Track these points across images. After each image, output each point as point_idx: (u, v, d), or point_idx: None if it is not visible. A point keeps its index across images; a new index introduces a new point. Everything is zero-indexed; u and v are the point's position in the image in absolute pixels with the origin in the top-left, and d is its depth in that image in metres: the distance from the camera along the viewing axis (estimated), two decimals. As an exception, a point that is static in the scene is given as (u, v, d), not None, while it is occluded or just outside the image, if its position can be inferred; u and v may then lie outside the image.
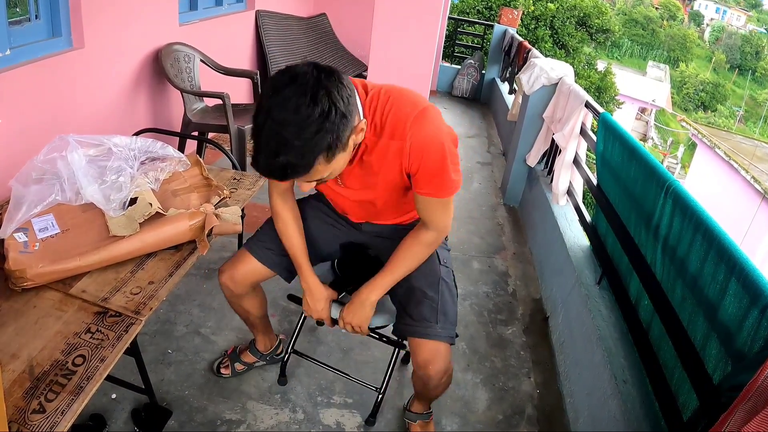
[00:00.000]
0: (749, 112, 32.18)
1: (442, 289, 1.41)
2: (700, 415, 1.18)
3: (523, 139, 3.49)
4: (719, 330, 1.20)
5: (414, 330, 1.37)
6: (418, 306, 1.38)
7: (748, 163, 12.48)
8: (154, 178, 1.62)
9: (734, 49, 37.50)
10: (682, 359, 1.32)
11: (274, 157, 0.95)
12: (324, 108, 0.94)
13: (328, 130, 0.96)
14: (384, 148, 1.17)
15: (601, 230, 2.23)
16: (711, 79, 32.15)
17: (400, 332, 1.43)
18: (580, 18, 12.57)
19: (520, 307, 2.52)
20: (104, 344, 1.23)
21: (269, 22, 4.26)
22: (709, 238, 1.29)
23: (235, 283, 1.52)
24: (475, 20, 8.84)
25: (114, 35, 2.50)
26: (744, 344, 1.09)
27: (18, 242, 1.38)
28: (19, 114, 1.99)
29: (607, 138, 2.17)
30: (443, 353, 1.37)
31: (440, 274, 1.43)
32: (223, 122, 2.80)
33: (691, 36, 37.41)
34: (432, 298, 1.38)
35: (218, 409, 1.72)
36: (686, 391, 1.31)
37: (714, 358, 1.20)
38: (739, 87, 35.14)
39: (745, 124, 29.93)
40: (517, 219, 3.48)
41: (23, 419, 1.04)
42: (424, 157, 1.16)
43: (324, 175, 1.06)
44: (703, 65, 36.27)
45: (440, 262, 1.45)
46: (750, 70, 36.61)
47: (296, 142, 0.94)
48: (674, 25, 38.53)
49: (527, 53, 4.60)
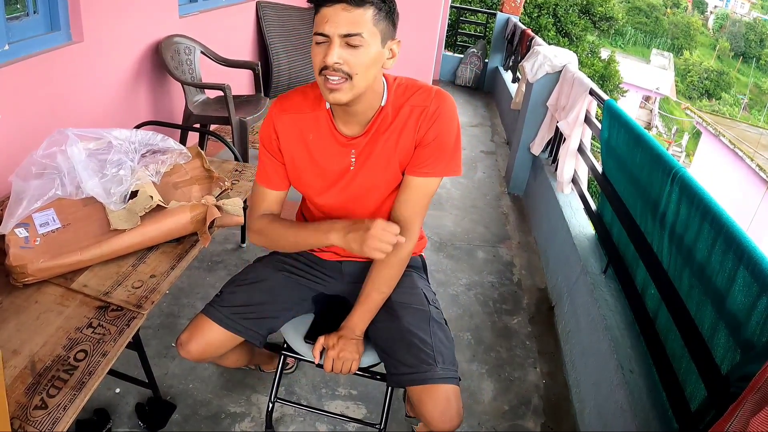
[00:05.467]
0: (754, 100, 31.91)
1: (434, 330, 1.26)
2: (709, 405, 1.17)
3: (527, 128, 3.46)
4: (727, 319, 1.18)
5: (412, 378, 1.19)
6: (410, 350, 1.21)
7: (753, 151, 12.39)
8: (155, 170, 1.61)
9: (738, 36, 37.13)
10: (689, 348, 1.30)
11: None
12: None
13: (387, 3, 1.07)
14: (406, 111, 1.19)
15: (607, 219, 2.21)
16: (715, 67, 31.89)
17: (396, 383, 1.24)
18: (584, 6, 12.48)
19: (526, 296, 2.50)
20: (106, 339, 1.22)
21: (270, 13, 4.22)
22: (717, 226, 1.27)
23: (195, 357, 1.28)
24: (477, 9, 8.77)
25: (113, 29, 2.48)
26: (753, 334, 1.07)
27: (19, 237, 1.38)
28: (19, 109, 1.97)
29: (612, 125, 2.14)
30: (453, 397, 1.19)
31: (431, 314, 1.29)
32: (224, 114, 2.78)
33: (695, 24, 37.06)
34: (424, 341, 1.22)
35: (222, 402, 1.72)
36: (694, 381, 1.29)
37: (722, 347, 1.19)
38: (743, 75, 34.85)
39: (749, 112, 29.69)
40: (521, 208, 3.46)
41: (25, 415, 1.03)
42: (442, 126, 1.18)
43: (361, 31, 1.04)
44: (707, 53, 35.96)
45: (429, 302, 1.33)
46: (754, 57, 36.26)
47: None
48: (678, 12, 38.17)
49: (530, 41, 4.56)
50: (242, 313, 1.29)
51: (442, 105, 1.18)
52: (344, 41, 1.04)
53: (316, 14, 1.05)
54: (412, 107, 1.19)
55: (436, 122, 1.18)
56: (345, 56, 1.04)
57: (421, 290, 1.34)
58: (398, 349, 1.23)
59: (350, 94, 1.09)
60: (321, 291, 1.42)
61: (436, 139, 1.18)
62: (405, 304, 1.27)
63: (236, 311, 1.28)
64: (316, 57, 1.07)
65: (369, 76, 1.09)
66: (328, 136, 1.22)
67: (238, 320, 1.28)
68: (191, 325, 1.29)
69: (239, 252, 2.46)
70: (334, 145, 1.22)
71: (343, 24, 1.02)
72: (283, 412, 1.71)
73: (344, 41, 1.04)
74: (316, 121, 1.22)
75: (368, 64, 1.07)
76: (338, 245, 1.17)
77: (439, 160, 1.20)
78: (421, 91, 1.20)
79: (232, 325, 1.27)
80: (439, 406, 1.17)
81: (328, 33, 1.03)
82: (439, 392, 1.17)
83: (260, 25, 4.16)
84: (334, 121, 1.21)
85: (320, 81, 1.09)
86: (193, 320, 1.30)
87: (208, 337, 1.26)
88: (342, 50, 1.04)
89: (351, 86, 1.07)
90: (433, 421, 1.18)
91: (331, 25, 1.03)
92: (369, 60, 1.07)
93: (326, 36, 1.04)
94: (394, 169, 1.23)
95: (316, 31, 1.06)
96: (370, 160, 1.22)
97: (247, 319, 1.28)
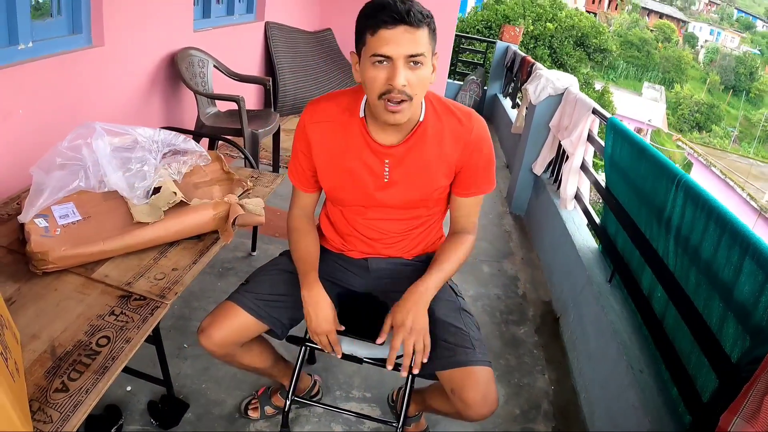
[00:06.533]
0: (744, 133, 32.50)
1: (465, 318, 1.30)
2: (720, 393, 1.20)
3: (530, 148, 3.53)
4: (736, 309, 1.22)
5: (456, 360, 1.19)
6: (448, 335, 1.24)
7: (744, 180, 12.58)
8: (177, 170, 1.65)
9: (728, 70, 38.03)
10: (699, 342, 1.34)
11: (403, 2, 1.04)
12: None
13: (431, 17, 1.08)
14: (443, 129, 1.23)
15: (611, 230, 2.26)
16: (706, 100, 32.55)
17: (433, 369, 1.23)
18: (579, 38, 12.79)
19: (531, 308, 2.53)
20: (129, 326, 1.21)
21: (277, 34, 4.33)
22: (722, 224, 1.32)
23: (217, 343, 1.28)
24: (478, 37, 8.98)
25: (132, 36, 2.55)
26: (762, 319, 1.12)
27: (39, 227, 1.37)
28: (38, 106, 2.02)
29: (616, 141, 2.22)
30: (491, 381, 1.21)
31: (460, 304, 1.34)
32: (235, 126, 2.84)
33: (686, 57, 37.95)
34: (459, 328, 1.26)
35: (237, 402, 1.72)
36: (704, 374, 1.33)
37: (732, 337, 1.23)
38: (733, 108, 35.56)
39: (739, 145, 30.20)
40: (523, 226, 3.51)
41: (45, 398, 1.02)
42: (483, 152, 1.26)
43: (423, 51, 1.06)
44: (698, 86, 36.73)
45: (456, 294, 1.38)
46: (744, 91, 37.08)
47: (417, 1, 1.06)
48: (669, 46, 39.11)
49: (531, 67, 4.68)
50: (267, 300, 1.30)
51: (481, 129, 1.25)
52: (408, 62, 1.05)
53: (371, 36, 1.05)
54: (452, 130, 1.23)
55: (478, 146, 1.24)
56: (409, 77, 1.06)
57: (447, 283, 1.37)
58: (437, 335, 1.24)
59: (408, 114, 1.12)
60: (346, 287, 1.43)
61: (481, 163, 1.26)
62: (436, 296, 1.27)
63: (262, 298, 1.30)
64: (377, 80, 1.07)
65: (423, 94, 1.15)
66: (361, 145, 1.24)
67: (263, 307, 1.29)
68: (215, 311, 1.30)
69: (250, 259, 2.49)
70: (369, 153, 1.24)
71: (406, 45, 1.03)
72: (298, 413, 1.71)
73: (408, 62, 1.05)
74: (349, 129, 1.24)
75: (426, 83, 1.11)
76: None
77: (485, 181, 1.29)
78: (461, 113, 1.25)
79: (256, 310, 1.28)
80: (481, 390, 1.17)
81: (391, 55, 1.04)
82: (480, 375, 1.18)
83: (268, 44, 4.26)
84: (368, 129, 1.23)
85: (379, 105, 1.10)
86: (216, 307, 1.31)
87: (232, 322, 1.27)
88: (406, 71, 1.06)
89: (410, 106, 1.10)
90: (476, 405, 1.17)
91: (395, 47, 1.03)
92: (426, 79, 1.11)
93: (389, 57, 1.05)
94: (427, 184, 1.27)
95: (375, 53, 1.05)
96: (404, 171, 1.25)
97: (272, 307, 1.30)
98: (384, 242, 1.37)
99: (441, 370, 1.22)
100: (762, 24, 56.36)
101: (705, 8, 57.76)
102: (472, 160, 1.25)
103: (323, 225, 1.46)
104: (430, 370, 1.23)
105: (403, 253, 1.40)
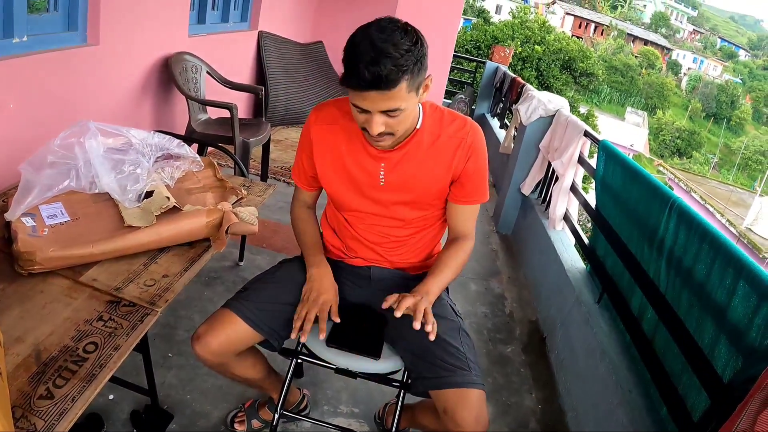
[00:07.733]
0: (723, 160, 33.25)
1: (463, 339, 1.29)
2: (712, 413, 1.20)
3: (519, 168, 3.55)
4: (728, 331, 1.24)
5: (453, 380, 1.19)
6: (446, 355, 1.23)
7: (723, 206, 12.85)
8: (170, 174, 1.62)
9: (710, 98, 38.97)
10: (691, 363, 1.35)
11: (373, 65, 1.01)
12: (413, 39, 1.06)
13: (416, 55, 1.05)
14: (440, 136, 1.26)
15: (600, 251, 2.27)
16: (687, 126, 33.29)
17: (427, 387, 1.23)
18: (566, 61, 13.02)
19: (518, 327, 2.53)
20: (118, 332, 1.17)
21: (270, 44, 4.34)
22: (715, 247, 1.34)
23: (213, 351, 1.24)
24: (468, 57, 9.08)
25: (128, 37, 2.54)
26: (755, 339, 1.13)
27: (26, 226, 1.33)
28: (29, 102, 1.99)
29: (608, 163, 2.24)
30: (484, 403, 1.20)
31: (460, 324, 1.34)
32: (225, 134, 2.82)
33: (668, 84, 38.84)
34: (457, 348, 1.25)
35: (222, 414, 1.68)
36: (695, 394, 1.34)
37: (724, 357, 1.24)
38: (714, 135, 36.39)
39: (719, 171, 30.88)
40: (510, 246, 3.52)
41: (29, 405, 0.97)
42: (479, 159, 1.28)
43: (399, 105, 1.07)
44: (679, 113, 37.58)
45: (456, 314, 1.38)
46: (725, 118, 37.99)
47: (393, 52, 1.02)
48: (653, 73, 40.02)
49: (521, 88, 4.74)
50: (266, 309, 1.29)
51: (478, 138, 1.28)
52: (385, 114, 1.10)
53: (348, 87, 1.08)
54: (449, 137, 1.27)
55: (474, 155, 1.27)
56: (387, 122, 1.12)
57: (448, 303, 1.39)
58: (435, 353, 1.23)
59: (393, 142, 1.20)
60: (345, 297, 1.40)
61: (476, 170, 1.29)
62: (436, 315, 1.24)
63: (261, 307, 1.29)
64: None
65: (407, 126, 1.19)
66: (359, 148, 1.28)
67: (261, 316, 1.28)
68: (211, 318, 1.27)
69: (237, 270, 2.46)
70: (365, 157, 1.28)
71: (380, 103, 1.07)
72: (285, 427, 1.68)
73: (385, 114, 1.10)
74: (349, 133, 1.29)
75: (408, 120, 1.17)
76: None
77: (479, 189, 1.32)
78: (458, 122, 1.28)
79: (254, 320, 1.26)
80: (473, 411, 1.17)
81: (367, 108, 1.09)
82: (474, 397, 1.18)
83: (260, 54, 4.26)
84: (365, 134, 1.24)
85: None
86: (213, 314, 1.29)
87: (229, 330, 1.25)
88: (383, 118, 1.11)
89: (393, 137, 1.17)
90: (468, 426, 1.17)
91: (369, 104, 1.07)
92: (409, 118, 1.16)
93: (365, 110, 1.10)
94: (421, 188, 1.30)
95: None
96: (398, 175, 1.28)
97: (270, 317, 1.29)
98: (385, 246, 1.39)
99: (436, 389, 1.21)
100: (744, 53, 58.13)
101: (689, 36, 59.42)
102: (469, 166, 1.28)
103: (324, 232, 1.49)
104: (425, 388, 1.23)
105: (405, 262, 1.42)
